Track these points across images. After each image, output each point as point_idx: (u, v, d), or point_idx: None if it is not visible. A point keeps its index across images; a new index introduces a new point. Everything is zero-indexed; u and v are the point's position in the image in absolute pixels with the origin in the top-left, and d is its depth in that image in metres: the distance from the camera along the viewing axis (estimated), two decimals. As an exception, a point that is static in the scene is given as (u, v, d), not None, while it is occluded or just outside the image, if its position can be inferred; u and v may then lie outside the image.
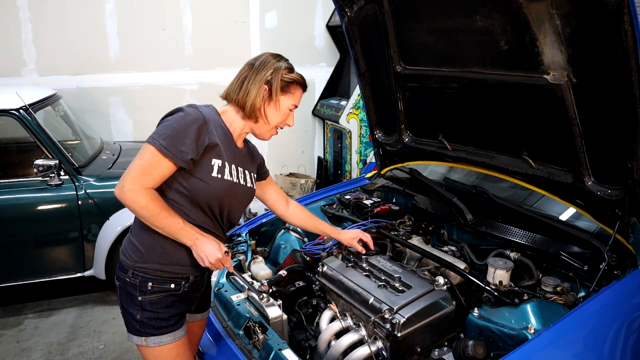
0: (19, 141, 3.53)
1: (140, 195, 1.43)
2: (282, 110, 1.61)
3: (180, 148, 1.44)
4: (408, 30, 2.23)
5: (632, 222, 1.69)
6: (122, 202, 1.45)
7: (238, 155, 1.62)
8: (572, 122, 1.71)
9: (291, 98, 1.62)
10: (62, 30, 4.58)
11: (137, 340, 1.56)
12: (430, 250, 2.11)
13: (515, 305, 1.63)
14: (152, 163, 1.45)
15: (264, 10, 5.29)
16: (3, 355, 3.01)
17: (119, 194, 1.44)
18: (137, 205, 1.44)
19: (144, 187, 1.44)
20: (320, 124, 5.69)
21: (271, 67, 1.57)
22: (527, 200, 2.26)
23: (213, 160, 1.52)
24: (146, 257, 1.53)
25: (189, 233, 1.49)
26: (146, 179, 1.44)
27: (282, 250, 2.39)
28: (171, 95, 5.07)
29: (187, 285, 1.59)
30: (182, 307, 1.62)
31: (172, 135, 1.44)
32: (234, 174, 1.58)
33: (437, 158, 2.51)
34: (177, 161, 1.45)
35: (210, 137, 1.50)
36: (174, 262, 1.55)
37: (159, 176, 1.46)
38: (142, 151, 1.47)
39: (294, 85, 1.61)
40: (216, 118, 1.56)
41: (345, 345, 1.69)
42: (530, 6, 1.60)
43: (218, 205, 1.57)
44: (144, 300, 1.53)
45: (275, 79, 1.57)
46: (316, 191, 2.85)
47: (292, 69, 1.63)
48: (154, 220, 1.45)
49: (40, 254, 3.39)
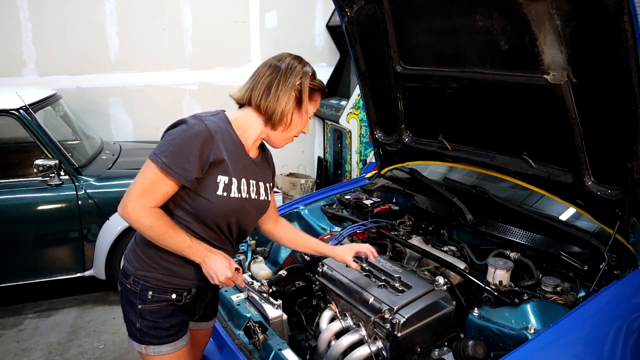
0: (19, 141, 3.53)
1: (144, 215, 1.38)
2: (305, 117, 1.54)
3: (184, 166, 1.36)
4: (408, 30, 2.23)
5: (632, 222, 1.69)
6: (126, 222, 1.41)
7: (249, 168, 1.53)
8: (572, 122, 1.71)
9: (314, 105, 1.56)
10: (62, 30, 4.59)
11: (138, 347, 1.54)
12: (430, 250, 2.11)
13: (515, 305, 1.63)
14: (154, 182, 1.38)
15: (264, 10, 5.29)
16: (3, 355, 3.01)
17: (121, 213, 1.40)
18: (141, 225, 1.39)
19: (148, 207, 1.38)
20: (320, 124, 5.69)
21: (299, 73, 1.49)
22: (527, 200, 2.26)
23: (219, 177, 1.43)
24: (148, 267, 1.49)
25: (197, 251, 1.43)
26: (149, 198, 1.39)
27: (282, 250, 2.39)
28: (171, 95, 5.08)
29: (189, 297, 1.54)
30: (183, 317, 1.57)
31: (174, 152, 1.36)
32: (243, 189, 1.49)
33: (437, 158, 2.51)
34: (181, 180, 1.38)
35: (215, 153, 1.41)
36: (177, 274, 1.50)
37: (162, 195, 1.40)
38: (144, 168, 1.41)
39: (318, 92, 1.55)
40: (225, 128, 1.47)
41: (345, 345, 1.69)
42: (530, 6, 1.60)
43: (226, 223, 1.50)
44: (144, 309, 1.49)
45: (305, 86, 1.49)
46: (316, 191, 2.85)
47: (315, 74, 1.55)
48: (160, 239, 1.41)
49: (40, 254, 3.39)
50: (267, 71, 1.49)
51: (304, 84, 1.49)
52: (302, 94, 1.49)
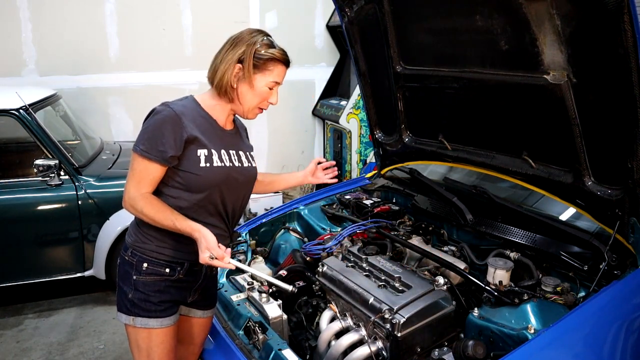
0: (19, 141, 3.54)
1: (136, 201, 1.49)
2: (258, 89, 1.54)
3: (159, 148, 1.46)
4: (408, 30, 2.23)
5: (632, 222, 1.69)
6: (129, 212, 1.55)
7: (227, 139, 1.62)
8: (572, 122, 1.71)
9: (268, 75, 1.53)
10: (62, 30, 4.58)
11: (126, 319, 1.58)
12: (430, 250, 2.11)
13: (515, 305, 1.63)
14: (140, 170, 1.50)
15: (264, 10, 5.29)
16: (3, 355, 3.01)
17: (124, 207, 1.53)
18: (135, 212, 1.52)
19: (140, 193, 1.50)
20: (320, 124, 5.69)
21: (244, 44, 1.50)
22: (527, 200, 2.26)
23: (198, 151, 1.52)
24: (145, 239, 1.57)
25: (186, 228, 1.47)
26: (141, 185, 1.51)
27: (282, 250, 2.39)
28: (171, 95, 4.98)
29: (182, 271, 1.60)
30: (175, 295, 1.62)
31: (149, 139, 1.47)
32: (224, 158, 1.58)
33: (437, 158, 2.51)
34: (160, 161, 1.48)
35: (187, 131, 1.49)
36: (170, 246, 1.57)
37: (151, 179, 1.51)
38: (131, 161, 1.53)
39: (271, 62, 1.52)
40: (193, 108, 1.56)
41: (345, 345, 1.69)
42: (530, 6, 1.60)
43: (219, 194, 1.57)
44: (137, 280, 1.56)
45: (248, 56, 1.50)
46: (316, 191, 2.85)
47: (271, 44, 1.53)
48: (155, 221, 1.50)
49: (40, 254, 3.39)
50: (223, 47, 1.56)
51: (247, 52, 1.50)
52: (244, 63, 1.51)
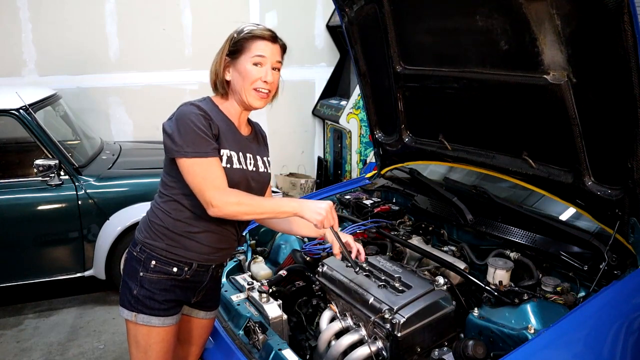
0: (19, 141, 3.53)
1: (226, 196, 1.45)
2: (245, 70, 1.54)
3: (205, 143, 1.46)
4: (408, 30, 2.23)
5: (632, 222, 1.69)
6: (224, 217, 1.48)
7: (244, 143, 1.62)
8: (572, 122, 1.71)
9: (249, 53, 1.53)
10: (62, 30, 4.59)
11: (128, 315, 1.58)
12: (430, 250, 2.10)
13: (515, 305, 1.63)
14: (201, 170, 1.45)
15: (264, 10, 5.29)
16: (3, 355, 3.01)
17: (213, 213, 1.45)
18: (232, 207, 1.45)
19: (224, 189, 1.46)
20: (320, 124, 5.69)
21: (228, 39, 1.57)
22: (527, 200, 2.26)
23: (222, 150, 1.52)
24: (155, 236, 1.56)
25: (289, 202, 1.53)
26: (216, 182, 1.45)
27: (282, 250, 2.38)
28: (171, 95, 5.07)
29: (190, 272, 1.59)
30: (180, 295, 1.61)
31: (192, 139, 1.45)
32: (242, 161, 1.58)
33: (437, 158, 2.51)
34: (213, 153, 1.47)
35: (214, 126, 1.50)
36: (182, 247, 1.56)
37: (220, 173, 1.48)
38: (187, 169, 1.47)
39: (249, 40, 1.54)
40: (213, 109, 1.57)
41: (345, 345, 1.69)
42: (530, 6, 1.60)
43: None
44: (144, 277, 1.55)
45: (227, 43, 1.56)
46: (316, 191, 2.85)
47: (252, 26, 1.57)
48: (253, 208, 1.49)
49: (40, 254, 3.39)
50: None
51: (231, 37, 1.55)
52: (223, 53, 1.56)
